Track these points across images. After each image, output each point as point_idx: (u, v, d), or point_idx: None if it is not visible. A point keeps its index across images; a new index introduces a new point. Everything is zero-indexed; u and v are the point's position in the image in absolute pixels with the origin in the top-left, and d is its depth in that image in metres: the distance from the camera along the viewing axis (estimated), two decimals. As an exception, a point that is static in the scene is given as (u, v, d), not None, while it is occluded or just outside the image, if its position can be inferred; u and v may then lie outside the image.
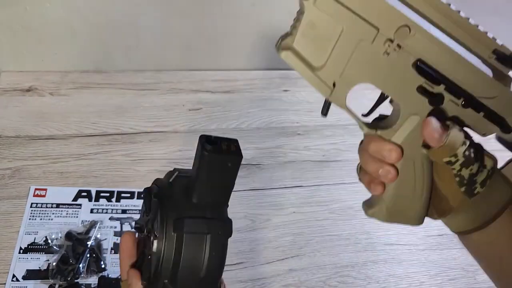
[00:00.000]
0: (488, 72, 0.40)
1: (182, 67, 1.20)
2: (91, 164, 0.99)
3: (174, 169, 0.46)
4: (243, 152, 0.44)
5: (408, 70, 0.39)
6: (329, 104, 0.41)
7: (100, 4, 1.04)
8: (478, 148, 0.42)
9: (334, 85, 0.39)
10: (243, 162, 0.43)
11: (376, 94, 0.44)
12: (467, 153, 0.40)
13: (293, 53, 0.37)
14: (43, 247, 0.85)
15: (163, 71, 1.20)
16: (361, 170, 0.47)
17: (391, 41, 0.37)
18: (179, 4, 1.08)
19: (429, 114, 0.40)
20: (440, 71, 0.39)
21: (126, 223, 0.91)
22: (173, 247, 0.40)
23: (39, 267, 0.82)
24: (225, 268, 0.45)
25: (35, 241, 0.85)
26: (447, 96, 0.40)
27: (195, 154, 0.44)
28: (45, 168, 0.97)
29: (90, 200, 0.93)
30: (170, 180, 0.45)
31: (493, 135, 0.45)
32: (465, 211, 0.43)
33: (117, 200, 0.94)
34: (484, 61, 0.40)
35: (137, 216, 0.92)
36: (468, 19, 0.39)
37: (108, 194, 0.94)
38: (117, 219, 0.91)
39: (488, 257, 0.47)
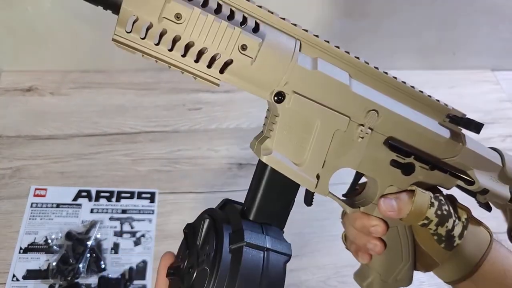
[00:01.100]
0: (447, 133, 0.43)
1: (183, 67, 1.20)
2: (92, 164, 0.99)
3: (224, 199, 0.43)
4: (243, 151, 0.42)
5: (380, 148, 0.41)
6: (313, 194, 0.42)
7: (100, 4, 1.04)
8: (451, 202, 0.45)
9: (317, 177, 0.40)
10: (243, 162, 0.42)
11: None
12: (439, 212, 0.42)
13: (275, 156, 0.37)
14: (43, 247, 0.85)
15: (164, 70, 1.20)
16: (347, 239, 0.50)
17: (363, 125, 0.39)
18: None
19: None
20: (409, 144, 0.42)
21: (126, 223, 0.91)
22: (228, 264, 0.34)
23: (39, 267, 0.82)
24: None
25: (35, 241, 0.86)
26: (417, 164, 0.43)
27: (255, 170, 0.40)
28: (45, 168, 0.97)
29: (90, 200, 0.93)
30: (219, 206, 0.42)
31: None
32: (450, 262, 0.45)
33: (117, 200, 0.94)
34: (441, 124, 0.43)
35: (137, 216, 0.92)
36: (422, 92, 0.42)
37: (108, 194, 0.94)
38: (117, 219, 0.91)
39: None
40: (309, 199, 0.43)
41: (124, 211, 0.93)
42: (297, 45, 0.35)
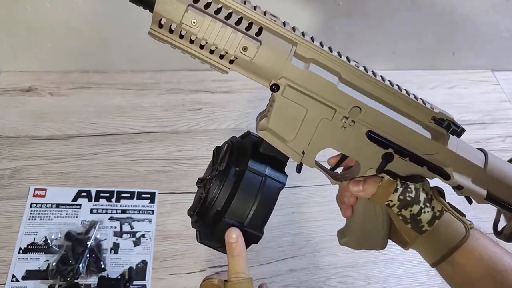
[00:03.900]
0: (427, 134, 0.49)
1: (182, 67, 1.20)
2: (91, 164, 0.99)
3: (247, 131, 0.52)
4: None
5: (362, 138, 0.48)
6: (301, 164, 0.50)
7: (100, 4, 1.04)
8: (433, 194, 0.51)
9: (303, 152, 0.48)
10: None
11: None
12: (401, 197, 0.49)
13: (269, 132, 0.47)
14: (43, 247, 0.85)
15: (163, 71, 1.20)
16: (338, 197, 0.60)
17: (346, 118, 0.46)
18: None
19: (379, 167, 0.50)
20: (387, 138, 0.48)
21: (125, 223, 0.91)
22: (233, 180, 0.46)
23: (39, 267, 0.82)
24: (224, 268, 0.45)
25: (35, 241, 0.86)
26: (396, 155, 0.49)
27: None
28: (44, 168, 0.97)
29: (90, 200, 0.93)
30: (242, 136, 0.52)
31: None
32: (424, 245, 0.52)
33: (117, 200, 0.94)
34: (425, 126, 0.49)
35: (136, 216, 0.92)
36: (415, 96, 0.47)
37: (108, 194, 0.94)
38: (117, 219, 0.91)
39: (457, 285, 0.53)
40: (298, 168, 0.50)
41: (123, 211, 0.92)
42: (293, 48, 0.43)
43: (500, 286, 0.48)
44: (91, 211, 0.91)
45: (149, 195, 0.95)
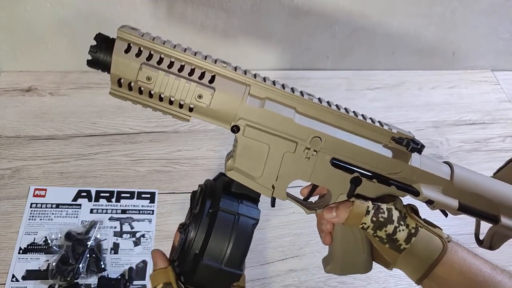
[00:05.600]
0: (389, 153, 0.50)
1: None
2: (91, 164, 0.99)
3: (220, 172, 0.53)
4: None
5: (327, 166, 0.50)
6: (274, 198, 0.51)
7: (100, 4, 1.04)
8: (406, 211, 0.52)
9: (273, 187, 0.50)
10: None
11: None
12: (374, 219, 0.50)
13: (236, 171, 0.49)
14: (43, 247, 0.85)
15: (163, 71, 1.20)
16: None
17: (308, 148, 0.48)
18: (179, 4, 1.08)
19: (349, 192, 0.52)
20: (351, 162, 0.50)
21: (126, 223, 0.91)
22: (207, 222, 0.48)
23: (39, 267, 0.82)
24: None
25: (35, 241, 0.86)
26: (363, 178, 0.51)
27: None
28: (45, 168, 0.97)
29: (90, 200, 0.93)
30: (214, 178, 0.53)
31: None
32: (406, 264, 0.53)
33: (117, 200, 0.94)
34: (385, 146, 0.50)
35: (136, 216, 0.92)
36: (372, 120, 0.49)
37: (108, 194, 0.94)
38: (117, 219, 0.91)
39: None
40: (272, 202, 0.52)
41: (123, 211, 0.92)
42: (246, 89, 0.45)
43: None
44: (91, 211, 0.91)
45: (149, 195, 0.95)
